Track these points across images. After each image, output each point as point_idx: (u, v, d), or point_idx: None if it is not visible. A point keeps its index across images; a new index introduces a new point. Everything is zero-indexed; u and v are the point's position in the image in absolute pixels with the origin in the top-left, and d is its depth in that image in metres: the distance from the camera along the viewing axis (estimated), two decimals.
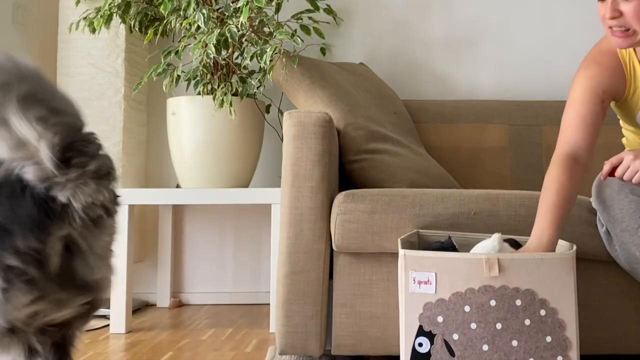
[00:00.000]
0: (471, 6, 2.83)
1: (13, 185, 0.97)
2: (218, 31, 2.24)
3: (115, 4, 2.41)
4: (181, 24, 2.35)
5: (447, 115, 2.53)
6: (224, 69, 2.47)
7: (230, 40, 2.25)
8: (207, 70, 2.38)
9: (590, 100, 1.71)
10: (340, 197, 1.72)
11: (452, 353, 1.44)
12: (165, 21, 2.44)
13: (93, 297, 1.07)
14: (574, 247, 1.50)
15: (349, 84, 2.22)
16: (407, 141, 2.18)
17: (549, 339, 1.43)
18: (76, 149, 0.99)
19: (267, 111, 2.70)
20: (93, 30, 2.43)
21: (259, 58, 2.20)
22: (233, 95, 2.34)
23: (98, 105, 2.58)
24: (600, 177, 1.69)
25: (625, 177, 1.60)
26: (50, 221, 0.98)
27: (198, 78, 2.42)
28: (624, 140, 1.99)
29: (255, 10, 2.28)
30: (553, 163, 1.65)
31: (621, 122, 1.93)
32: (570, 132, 1.70)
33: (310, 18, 2.61)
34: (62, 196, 0.98)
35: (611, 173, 1.65)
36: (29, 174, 0.97)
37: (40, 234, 0.97)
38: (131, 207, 2.32)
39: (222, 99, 2.30)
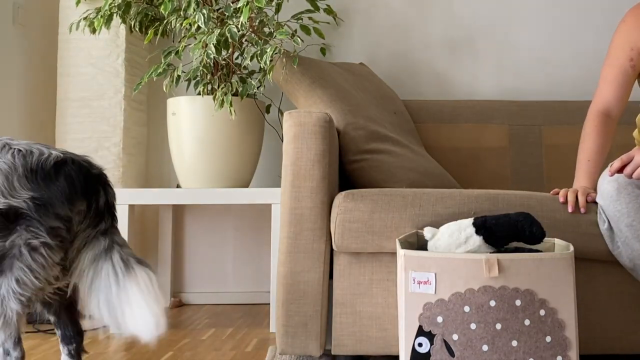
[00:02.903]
0: (471, 6, 2.83)
1: (47, 170, 1.36)
2: (218, 31, 2.25)
3: (116, 4, 2.41)
4: (181, 24, 2.35)
5: (447, 115, 2.53)
6: (224, 69, 2.47)
7: (230, 40, 2.25)
8: (207, 70, 2.38)
9: (621, 57, 1.90)
10: (340, 197, 1.73)
11: (451, 353, 1.44)
12: (165, 21, 2.44)
13: None
14: (571, 246, 1.51)
15: (349, 84, 2.22)
16: (407, 141, 2.18)
17: (548, 339, 1.43)
18: None
19: (267, 111, 2.70)
20: (93, 31, 2.44)
21: (259, 58, 2.20)
22: (233, 95, 2.35)
23: (98, 105, 2.58)
24: (607, 172, 1.69)
25: (634, 176, 1.60)
26: (77, 196, 1.37)
27: (198, 78, 2.42)
28: (635, 133, 2.01)
29: (255, 11, 2.28)
30: (588, 118, 1.91)
31: None
32: (603, 89, 1.92)
33: (310, 18, 2.61)
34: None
35: (620, 170, 1.65)
36: None
37: (70, 203, 1.36)
38: (131, 207, 2.32)
39: (222, 99, 2.30)
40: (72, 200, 1.36)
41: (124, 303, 1.34)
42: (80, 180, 1.39)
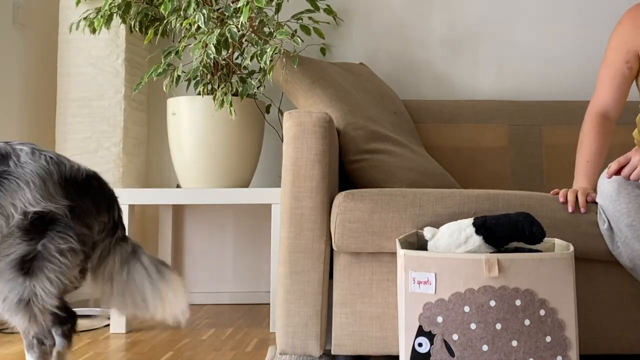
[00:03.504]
0: (471, 6, 2.83)
1: (80, 182, 1.47)
2: (218, 31, 2.25)
3: (116, 4, 2.41)
4: (181, 24, 2.35)
5: (447, 115, 2.53)
6: (224, 69, 2.47)
7: (230, 40, 2.25)
8: (207, 70, 2.38)
9: (618, 59, 1.90)
10: (340, 197, 1.73)
11: (451, 353, 1.44)
12: (165, 21, 2.44)
13: None
14: (571, 246, 1.51)
15: (349, 84, 2.22)
16: (407, 141, 2.18)
17: (548, 339, 1.43)
18: None
19: (267, 111, 2.70)
20: (93, 31, 2.44)
21: (259, 58, 2.20)
22: (233, 95, 2.35)
23: (98, 105, 2.58)
24: (606, 173, 1.69)
25: (632, 178, 1.60)
26: (102, 208, 1.50)
27: (198, 78, 2.42)
28: (635, 132, 2.00)
29: (255, 11, 2.28)
30: (585, 120, 1.91)
31: None
32: (600, 91, 1.92)
33: (310, 18, 2.61)
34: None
35: (617, 172, 1.65)
36: None
37: (97, 214, 1.48)
38: (131, 207, 2.32)
39: (222, 99, 2.30)
40: (99, 212, 1.50)
41: (157, 299, 1.52)
42: (104, 195, 1.53)
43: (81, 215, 1.45)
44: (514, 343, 1.43)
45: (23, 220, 1.38)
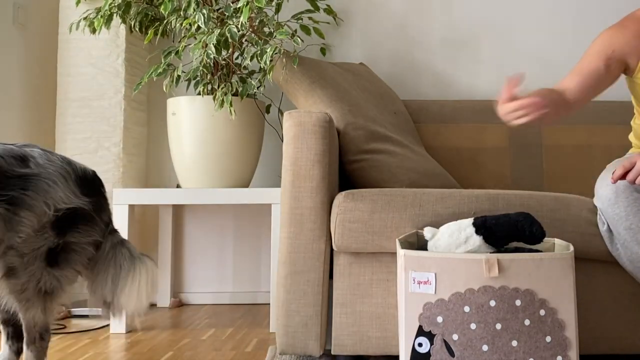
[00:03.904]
0: (471, 6, 2.83)
1: (89, 179, 1.55)
2: (218, 31, 2.25)
3: (116, 4, 2.41)
4: (181, 24, 2.35)
5: (447, 115, 2.53)
6: (224, 69, 2.47)
7: (230, 40, 2.25)
8: (207, 70, 2.38)
9: (596, 53, 1.84)
10: (340, 197, 1.73)
11: (451, 353, 1.44)
12: (165, 21, 2.44)
13: None
14: (571, 246, 1.51)
15: (349, 84, 2.22)
16: (407, 141, 2.18)
17: (548, 339, 1.43)
18: None
19: (267, 111, 2.70)
20: (93, 31, 2.44)
21: (259, 58, 2.20)
22: (233, 95, 2.35)
23: (98, 105, 2.58)
24: (605, 177, 1.68)
25: (637, 182, 1.59)
26: (107, 203, 1.60)
27: (198, 78, 2.42)
28: (631, 136, 1.98)
29: (255, 11, 2.28)
30: None
31: (635, 109, 1.93)
32: (567, 76, 1.87)
33: (310, 18, 2.61)
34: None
35: (622, 177, 1.63)
36: None
37: (108, 209, 1.59)
38: (131, 207, 2.32)
39: (222, 99, 2.30)
40: (108, 206, 1.60)
41: (128, 281, 1.56)
42: (104, 191, 1.61)
43: (99, 210, 1.55)
44: (514, 343, 1.43)
45: (53, 217, 1.45)
